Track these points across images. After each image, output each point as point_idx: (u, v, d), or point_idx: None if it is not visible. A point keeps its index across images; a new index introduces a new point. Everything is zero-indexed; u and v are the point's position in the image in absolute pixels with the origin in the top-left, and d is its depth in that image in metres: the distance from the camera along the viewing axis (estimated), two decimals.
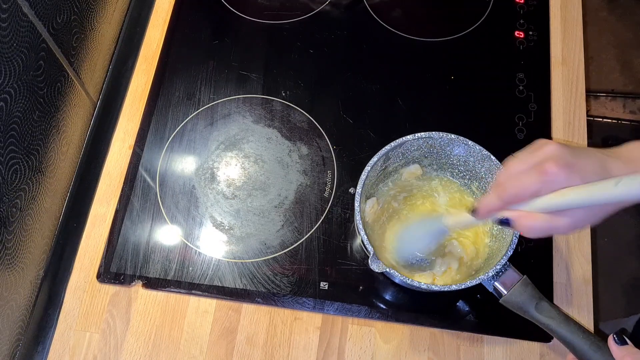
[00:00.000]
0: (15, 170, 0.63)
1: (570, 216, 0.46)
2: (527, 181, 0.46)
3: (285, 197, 0.76)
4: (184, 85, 0.83)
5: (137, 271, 0.72)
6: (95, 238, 0.74)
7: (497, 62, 0.85)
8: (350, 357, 0.68)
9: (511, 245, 0.60)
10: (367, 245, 0.61)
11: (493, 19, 0.88)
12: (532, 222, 0.47)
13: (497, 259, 0.61)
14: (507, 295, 0.60)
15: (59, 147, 0.74)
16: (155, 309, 0.70)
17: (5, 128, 0.60)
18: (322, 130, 0.79)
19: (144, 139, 0.79)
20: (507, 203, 0.48)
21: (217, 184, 0.76)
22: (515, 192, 0.47)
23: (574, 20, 0.87)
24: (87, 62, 0.78)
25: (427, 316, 0.69)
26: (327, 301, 0.70)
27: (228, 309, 0.70)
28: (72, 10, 0.71)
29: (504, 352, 0.68)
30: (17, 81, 0.61)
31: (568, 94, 0.82)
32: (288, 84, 0.83)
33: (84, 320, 0.70)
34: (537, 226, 0.47)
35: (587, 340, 0.55)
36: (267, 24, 0.87)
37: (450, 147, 0.67)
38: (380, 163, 0.66)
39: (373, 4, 0.89)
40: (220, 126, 0.80)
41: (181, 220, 0.74)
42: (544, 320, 0.58)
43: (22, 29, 0.60)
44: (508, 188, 0.47)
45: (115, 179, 0.77)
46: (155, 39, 0.86)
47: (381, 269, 0.59)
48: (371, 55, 0.85)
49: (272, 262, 0.72)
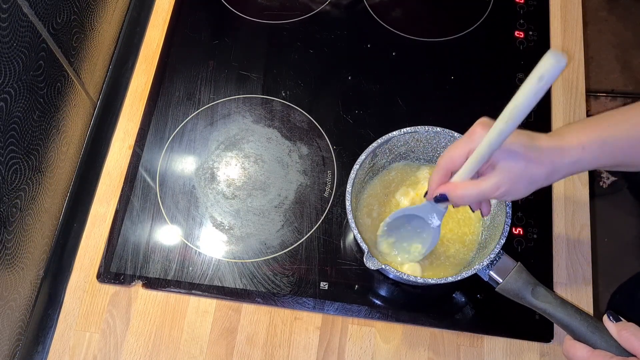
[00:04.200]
0: (15, 170, 0.63)
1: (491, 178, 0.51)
2: (456, 146, 0.52)
3: (285, 197, 0.76)
4: (184, 85, 0.83)
5: (137, 271, 0.72)
6: (95, 238, 0.74)
7: (497, 62, 0.85)
8: (350, 357, 0.68)
9: (503, 233, 0.61)
10: (360, 243, 0.61)
11: (493, 19, 0.88)
12: (462, 190, 0.53)
13: (490, 248, 0.62)
14: (503, 283, 0.60)
15: (59, 147, 0.74)
16: (155, 309, 0.70)
17: (5, 128, 0.60)
18: (322, 130, 0.79)
19: (144, 139, 0.79)
20: (444, 173, 0.54)
21: (217, 184, 0.76)
22: (449, 156, 0.53)
23: (574, 20, 0.87)
24: (87, 62, 0.78)
25: (427, 316, 0.69)
26: (327, 301, 0.70)
27: (228, 309, 0.70)
28: (72, 10, 0.71)
29: (504, 352, 0.68)
30: (17, 81, 0.61)
31: (568, 94, 0.82)
32: (288, 84, 0.83)
33: (84, 320, 0.70)
34: (467, 193, 0.53)
35: (584, 321, 0.55)
36: (267, 24, 0.87)
37: (436, 140, 0.68)
38: (368, 160, 0.67)
39: (373, 4, 0.89)
40: (220, 126, 0.80)
41: (181, 220, 0.74)
42: (541, 305, 0.58)
43: (22, 29, 0.60)
44: (443, 157, 0.54)
45: (115, 179, 0.77)
46: (155, 39, 0.86)
47: (376, 266, 0.60)
48: (371, 55, 0.85)
49: (272, 262, 0.72)
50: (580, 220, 0.75)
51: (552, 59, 0.41)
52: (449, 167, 0.54)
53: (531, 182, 0.52)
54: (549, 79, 0.42)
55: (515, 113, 0.45)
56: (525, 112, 0.44)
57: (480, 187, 0.52)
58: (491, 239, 0.64)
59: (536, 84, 0.42)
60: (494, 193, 0.52)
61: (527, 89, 0.43)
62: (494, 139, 0.47)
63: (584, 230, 0.74)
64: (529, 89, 0.43)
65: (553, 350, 0.68)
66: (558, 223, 0.74)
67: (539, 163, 0.51)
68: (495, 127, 0.47)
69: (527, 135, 0.51)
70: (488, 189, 0.52)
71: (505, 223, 0.61)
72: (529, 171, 0.51)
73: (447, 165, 0.54)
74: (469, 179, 0.53)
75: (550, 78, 0.42)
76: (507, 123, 0.45)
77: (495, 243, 0.61)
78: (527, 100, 0.43)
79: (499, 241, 0.61)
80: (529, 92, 0.43)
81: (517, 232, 0.73)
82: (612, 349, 0.52)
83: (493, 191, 0.51)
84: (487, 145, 0.48)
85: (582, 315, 0.56)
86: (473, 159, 0.51)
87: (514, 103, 0.44)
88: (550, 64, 0.41)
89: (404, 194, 0.71)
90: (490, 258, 0.60)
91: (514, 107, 0.44)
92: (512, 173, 0.51)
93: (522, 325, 0.69)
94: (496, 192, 0.52)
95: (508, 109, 0.45)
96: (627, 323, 0.52)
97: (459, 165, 0.53)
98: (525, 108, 0.44)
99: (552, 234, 0.74)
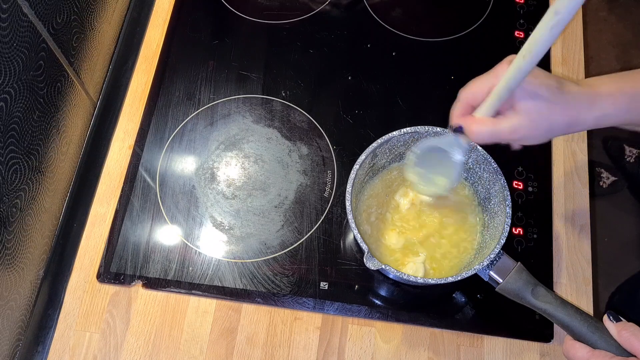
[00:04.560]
0: (15, 170, 0.63)
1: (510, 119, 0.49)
2: (480, 80, 0.51)
3: (285, 197, 0.76)
4: (184, 85, 0.83)
5: (137, 271, 0.72)
6: (95, 238, 0.74)
7: (497, 62, 0.84)
8: (350, 357, 0.68)
9: (503, 233, 0.61)
10: (361, 243, 0.61)
11: (493, 19, 0.88)
12: (479, 126, 0.51)
13: (490, 248, 0.62)
14: (503, 283, 0.60)
15: (59, 147, 0.74)
16: (155, 309, 0.70)
17: (5, 128, 0.60)
18: (322, 130, 0.79)
19: (144, 139, 0.79)
20: (464, 106, 0.53)
21: (217, 184, 0.76)
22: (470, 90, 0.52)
23: (574, 20, 0.87)
24: (87, 62, 0.78)
25: (427, 316, 0.69)
26: (327, 301, 0.70)
27: (228, 309, 0.70)
28: (72, 10, 0.71)
29: (504, 352, 0.68)
30: (17, 81, 0.61)
31: None
32: (288, 84, 0.83)
33: (84, 320, 0.70)
34: (483, 130, 0.50)
35: (584, 322, 0.55)
36: (267, 24, 0.87)
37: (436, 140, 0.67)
38: (368, 161, 0.67)
39: (373, 4, 0.89)
40: (220, 126, 0.80)
41: (181, 220, 0.74)
42: (541, 305, 0.58)
43: (22, 29, 0.60)
44: (464, 90, 0.52)
45: (115, 179, 0.77)
46: (155, 39, 0.86)
47: (376, 267, 0.60)
48: (371, 55, 0.85)
49: (272, 262, 0.72)
50: (580, 220, 0.75)
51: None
52: (469, 101, 0.52)
53: (550, 129, 0.50)
54: (566, 13, 0.41)
55: (533, 47, 0.44)
56: (544, 47, 0.43)
57: (497, 127, 0.50)
58: (491, 239, 0.64)
59: (552, 18, 0.41)
60: (510, 135, 0.50)
61: (543, 24, 0.42)
62: (512, 76, 0.46)
63: (584, 230, 0.74)
64: (545, 23, 0.42)
65: (553, 350, 0.68)
66: (558, 223, 0.74)
67: (564, 109, 0.49)
68: (514, 63, 0.46)
69: (556, 79, 0.49)
70: (505, 130, 0.49)
71: (505, 223, 0.61)
72: (550, 116, 0.49)
73: (468, 99, 0.52)
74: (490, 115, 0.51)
75: (566, 12, 0.41)
76: (525, 58, 0.44)
77: (496, 243, 0.61)
78: (544, 35, 0.42)
79: (499, 241, 0.61)
80: (546, 26, 0.42)
81: (517, 232, 0.73)
82: (612, 349, 0.52)
83: (509, 133, 0.49)
84: (506, 81, 0.47)
85: (582, 315, 0.56)
86: (493, 95, 0.49)
87: (532, 38, 0.43)
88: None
89: (403, 195, 0.71)
90: (490, 258, 0.60)
91: (532, 41, 0.43)
92: (532, 116, 0.49)
93: (522, 325, 0.69)
94: (513, 134, 0.49)
95: (527, 44, 0.44)
96: (627, 323, 0.52)
97: (480, 100, 0.51)
98: (543, 43, 0.43)
99: (552, 234, 0.74)
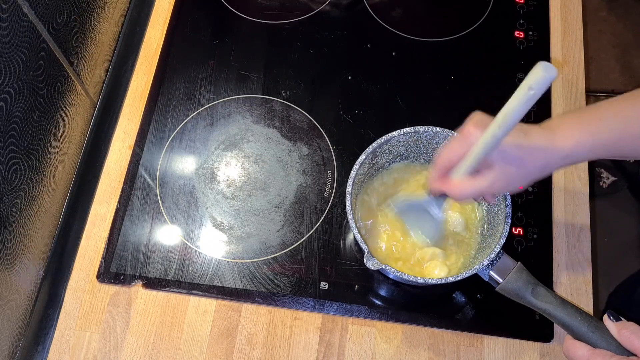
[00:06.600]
0: (15, 170, 0.63)
1: (486, 176, 0.53)
2: (453, 146, 0.54)
3: (285, 197, 0.76)
4: (184, 85, 0.83)
5: (137, 271, 0.72)
6: (95, 238, 0.74)
7: (497, 62, 0.85)
8: (350, 357, 0.68)
9: (503, 233, 0.61)
10: (361, 243, 0.61)
11: (493, 19, 0.88)
12: (459, 188, 0.55)
13: (490, 248, 0.62)
14: (503, 283, 0.60)
15: (59, 147, 0.74)
16: (155, 309, 0.70)
17: (5, 128, 0.60)
18: (322, 130, 0.79)
19: (144, 138, 0.79)
20: (442, 172, 0.56)
21: (217, 184, 0.76)
22: (446, 156, 0.55)
23: (574, 20, 0.87)
24: (87, 62, 0.78)
25: (427, 316, 0.69)
26: (327, 301, 0.70)
27: (228, 309, 0.70)
28: (72, 10, 0.71)
29: (504, 352, 0.68)
30: (17, 81, 0.61)
31: (568, 94, 0.82)
32: (288, 84, 0.83)
33: (84, 320, 0.70)
34: (464, 190, 0.55)
35: (585, 321, 0.55)
36: (267, 24, 0.87)
37: (436, 140, 0.68)
38: (367, 161, 0.67)
39: (373, 4, 0.89)
40: (220, 126, 0.80)
41: (181, 220, 0.74)
42: (542, 305, 0.58)
43: (22, 29, 0.60)
44: (440, 157, 0.56)
45: (115, 179, 0.77)
46: (155, 39, 0.86)
47: (376, 267, 0.60)
48: (371, 55, 0.85)
49: (272, 262, 0.72)
50: (580, 220, 0.75)
51: (541, 70, 0.43)
52: (445, 166, 0.56)
53: (526, 176, 0.54)
54: (538, 89, 0.43)
55: (508, 118, 0.46)
56: (518, 118, 0.46)
57: (476, 185, 0.54)
58: (491, 239, 0.64)
59: (526, 92, 0.44)
60: (490, 190, 0.54)
61: (518, 97, 0.45)
62: (489, 142, 0.49)
63: (584, 230, 0.74)
64: (520, 96, 0.45)
65: (553, 350, 0.68)
66: (558, 223, 0.74)
67: (534, 158, 0.52)
68: (490, 131, 0.49)
69: (520, 132, 0.52)
70: (484, 186, 0.54)
71: (505, 223, 0.61)
72: (523, 167, 0.53)
73: (444, 164, 0.56)
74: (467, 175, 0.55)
75: (539, 88, 0.43)
76: (500, 128, 0.47)
77: (496, 243, 0.61)
78: (518, 107, 0.45)
79: (499, 241, 0.61)
80: (520, 99, 0.45)
81: (517, 232, 0.73)
82: (612, 348, 0.52)
83: (489, 188, 0.54)
84: (482, 148, 0.50)
85: (583, 314, 0.56)
86: (469, 160, 0.53)
87: (507, 109, 0.46)
88: (540, 75, 0.43)
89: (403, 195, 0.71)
90: (490, 258, 0.60)
91: (506, 112, 0.46)
92: (506, 171, 0.53)
93: (522, 325, 0.69)
94: (492, 188, 0.54)
95: (501, 114, 0.47)
96: (628, 322, 0.52)
97: (455, 163, 0.55)
98: (517, 114, 0.46)
99: (552, 234, 0.74)
